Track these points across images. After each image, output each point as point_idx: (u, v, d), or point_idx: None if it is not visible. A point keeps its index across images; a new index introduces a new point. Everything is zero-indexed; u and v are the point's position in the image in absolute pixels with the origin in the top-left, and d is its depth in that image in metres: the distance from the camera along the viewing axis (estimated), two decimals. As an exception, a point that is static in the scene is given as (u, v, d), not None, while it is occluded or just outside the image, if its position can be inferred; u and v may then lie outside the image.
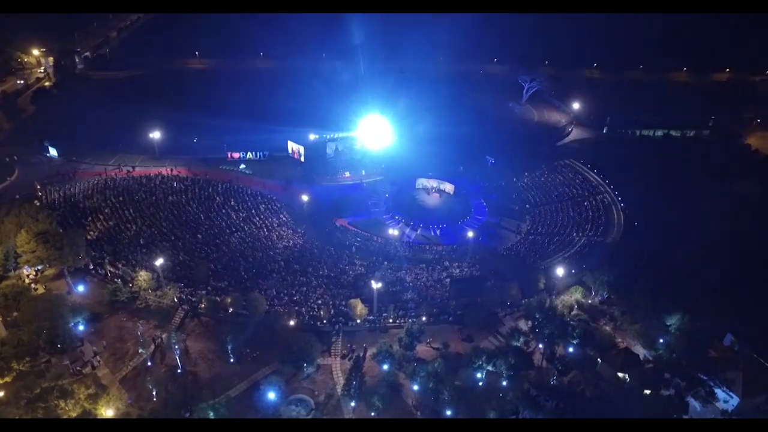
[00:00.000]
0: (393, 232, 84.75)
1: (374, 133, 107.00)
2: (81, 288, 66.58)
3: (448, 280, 71.70)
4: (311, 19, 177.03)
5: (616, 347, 58.80)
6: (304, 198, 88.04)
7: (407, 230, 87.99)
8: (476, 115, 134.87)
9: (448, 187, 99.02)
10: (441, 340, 60.84)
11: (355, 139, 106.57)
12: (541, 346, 59.83)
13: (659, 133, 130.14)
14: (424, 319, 63.06)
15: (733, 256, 72.44)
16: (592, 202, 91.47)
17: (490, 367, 55.04)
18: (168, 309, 63.39)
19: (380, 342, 57.85)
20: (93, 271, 69.04)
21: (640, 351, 59.12)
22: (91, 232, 77.13)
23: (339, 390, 54.72)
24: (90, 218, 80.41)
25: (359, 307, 61.48)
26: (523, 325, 61.71)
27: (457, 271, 74.84)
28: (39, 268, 67.76)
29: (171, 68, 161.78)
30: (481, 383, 55.63)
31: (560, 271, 66.82)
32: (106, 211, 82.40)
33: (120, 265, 69.74)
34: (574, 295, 65.96)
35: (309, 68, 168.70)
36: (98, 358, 57.17)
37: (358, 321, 62.55)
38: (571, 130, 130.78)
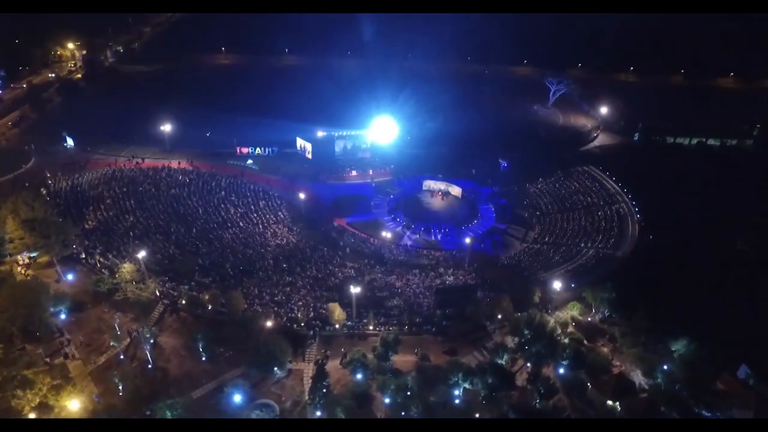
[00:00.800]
0: (386, 234, 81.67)
1: (384, 132, 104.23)
2: (70, 277, 67.10)
3: (441, 286, 68.26)
4: (336, 17, 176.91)
5: (610, 372, 53.81)
6: (302, 196, 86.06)
7: (407, 233, 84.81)
8: (496, 117, 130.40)
9: (456, 190, 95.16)
10: (421, 351, 57.55)
11: (365, 137, 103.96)
12: (529, 365, 55.66)
13: (694, 141, 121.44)
14: (406, 328, 59.90)
15: (761, 283, 65.81)
16: (607, 212, 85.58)
17: (467, 385, 51.39)
18: (149, 302, 62.79)
19: (354, 350, 55.14)
20: (83, 261, 69.48)
21: (639, 378, 53.90)
22: (90, 222, 77.99)
23: (306, 397, 52.39)
24: (91, 207, 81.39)
25: (337, 312, 58.98)
26: (511, 341, 57.57)
27: (451, 278, 71.19)
28: (33, 255, 68.81)
29: (197, 63, 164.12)
30: (458, 401, 52.12)
31: (557, 284, 62.09)
32: (108, 201, 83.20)
33: (110, 256, 69.90)
34: (571, 312, 61.19)
35: (332, 65, 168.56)
36: (71, 348, 57.05)
37: (337, 326, 60.01)
38: (597, 135, 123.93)
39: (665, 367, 54.07)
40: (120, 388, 52.52)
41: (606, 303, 60.27)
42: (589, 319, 62.55)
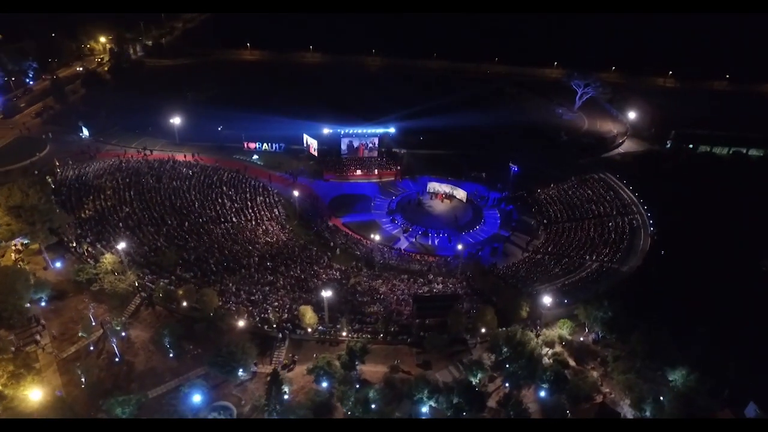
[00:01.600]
0: (375, 237, 78.45)
1: (393, 131, 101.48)
2: (58, 264, 67.67)
3: (438, 294, 64.87)
4: (363, 16, 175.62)
5: (593, 399, 49.05)
6: (296, 193, 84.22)
7: (404, 236, 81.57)
8: (517, 119, 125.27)
9: (461, 194, 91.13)
10: (393, 363, 54.36)
11: (373, 135, 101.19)
12: (508, 385, 51.60)
13: (732, 151, 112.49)
14: (381, 336, 56.87)
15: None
16: (618, 223, 79.57)
17: (432, 403, 47.93)
18: (126, 294, 62.26)
19: (320, 356, 52.58)
20: (73, 249, 69.94)
21: (625, 409, 48.92)
22: (87, 211, 78.70)
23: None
24: (91, 197, 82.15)
25: (308, 315, 56.56)
26: (488, 358, 53.58)
27: (440, 286, 67.57)
28: (26, 242, 69.85)
29: (221, 59, 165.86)
30: (424, 419, 48.73)
31: (547, 299, 57.48)
32: (108, 192, 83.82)
33: (98, 246, 70.06)
34: (560, 330, 56.51)
35: (355, 63, 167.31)
36: (45, 336, 57.04)
37: (309, 330, 57.62)
38: (622, 141, 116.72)
39: (661, 398, 48.93)
40: (83, 379, 51.92)
41: (599, 322, 55.25)
42: (581, 339, 57.68)
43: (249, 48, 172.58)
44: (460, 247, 71.66)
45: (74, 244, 70.40)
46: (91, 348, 56.44)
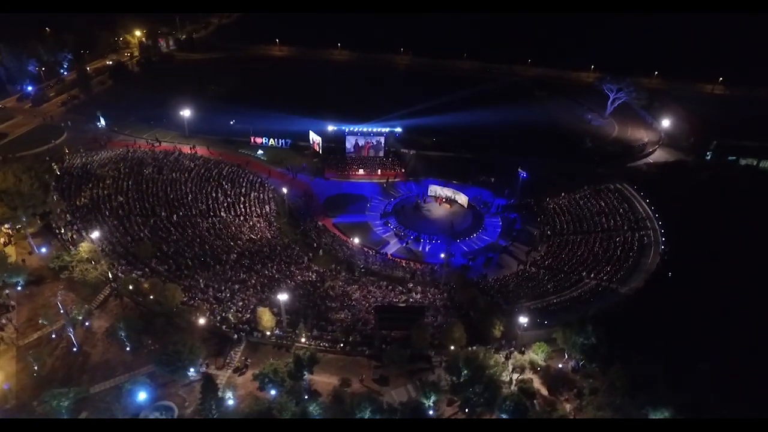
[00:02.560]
0: (356, 240, 74.96)
1: (399, 130, 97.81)
2: (44, 250, 68.58)
3: (402, 305, 61.04)
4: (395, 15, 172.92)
5: (554, 435, 43.68)
6: (284, 190, 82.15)
7: (394, 240, 77.83)
8: (539, 124, 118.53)
9: (462, 199, 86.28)
10: (345, 375, 50.98)
11: (379, 135, 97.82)
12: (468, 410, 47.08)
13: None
14: (341, 346, 53.64)
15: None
16: (627, 238, 72.47)
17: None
18: (98, 284, 62.04)
19: (268, 362, 49.88)
20: (59, 236, 70.76)
21: (593, 448, 43.27)
22: (83, 198, 79.76)
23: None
24: (90, 185, 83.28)
25: (266, 317, 54.06)
26: (445, 379, 49.11)
27: (419, 296, 63.47)
28: (18, 226, 71.30)
29: (250, 54, 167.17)
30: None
31: (523, 319, 52.26)
32: (108, 181, 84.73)
33: (84, 234, 70.50)
34: (534, 354, 51.23)
35: (382, 61, 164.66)
36: (11, 321, 57.44)
37: (268, 333, 55.13)
38: (653, 150, 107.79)
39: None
40: (35, 368, 51.65)
41: (578, 349, 49.61)
42: (560, 365, 52.11)
43: (278, 44, 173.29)
44: (442, 255, 67.04)
45: (61, 231, 71.16)
46: (53, 336, 56.27)
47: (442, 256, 67.23)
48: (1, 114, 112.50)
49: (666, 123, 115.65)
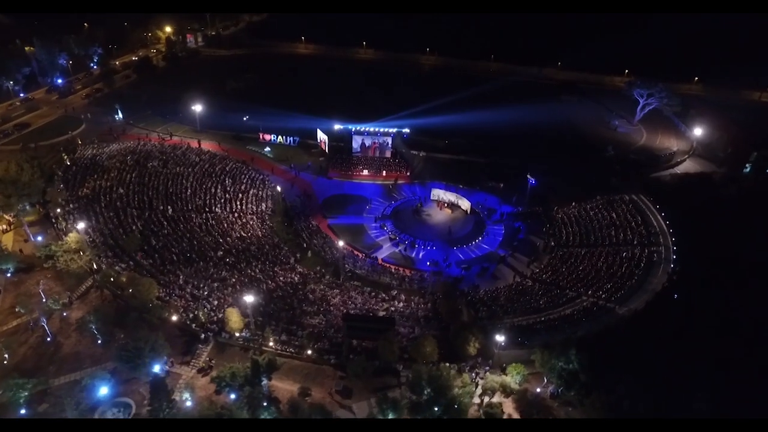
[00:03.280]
0: (340, 243, 72.02)
1: (407, 131, 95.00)
2: (39, 238, 69.78)
3: (381, 313, 58.35)
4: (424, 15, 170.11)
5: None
6: (278, 188, 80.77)
7: (388, 244, 75.08)
8: (561, 129, 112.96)
9: (465, 204, 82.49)
10: (308, 384, 48.75)
11: (386, 135, 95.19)
12: None
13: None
14: (309, 352, 51.47)
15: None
16: (635, 254, 66.93)
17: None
18: (82, 275, 62.34)
19: (227, 366, 48.27)
20: (54, 226, 71.86)
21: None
22: (85, 189, 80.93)
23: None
24: (95, 176, 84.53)
25: (234, 318, 52.55)
26: (406, 397, 45.99)
27: (401, 305, 60.52)
28: (12, 213, 72.93)
29: (275, 51, 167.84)
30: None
31: (500, 337, 48.50)
32: (113, 173, 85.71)
33: (79, 224, 71.13)
34: (508, 377, 47.38)
35: (408, 61, 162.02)
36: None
37: (237, 334, 53.61)
38: (682, 161, 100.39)
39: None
40: (6, 356, 51.97)
41: (555, 374, 45.49)
42: (538, 390, 48.04)
43: (304, 42, 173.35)
44: (429, 263, 63.78)
45: (56, 220, 72.22)
46: (31, 325, 56.65)
47: (428, 264, 63.87)
48: (29, 105, 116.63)
49: (699, 131, 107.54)
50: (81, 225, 64.83)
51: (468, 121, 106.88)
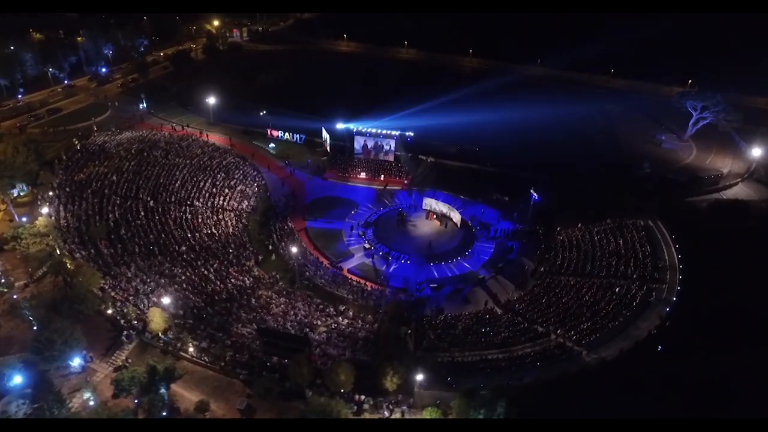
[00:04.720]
0: (293, 249, 67.06)
1: (411, 134, 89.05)
2: (24, 219, 71.76)
3: (322, 329, 53.57)
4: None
5: None
6: (259, 185, 77.97)
7: (360, 253, 69.90)
8: (596, 142, 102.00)
9: (456, 217, 75.37)
10: (212, 396, 45.01)
11: (390, 137, 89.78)
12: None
13: None
14: (222, 364, 47.80)
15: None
16: (631, 290, 56.88)
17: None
18: (43, 258, 62.73)
19: (130, 368, 45.62)
20: (38, 208, 73.55)
21: None
22: (82, 175, 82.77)
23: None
24: (96, 162, 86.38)
25: (156, 319, 49.99)
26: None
27: (345, 322, 55.28)
28: (17, 193, 75.85)
29: (315, 48, 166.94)
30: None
31: (420, 376, 41.97)
32: (115, 160, 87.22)
33: (61, 208, 72.53)
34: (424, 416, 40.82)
35: (449, 63, 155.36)
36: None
37: (161, 335, 51.06)
38: (731, 184, 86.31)
39: None
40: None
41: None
42: (460, 440, 40.99)
43: (346, 40, 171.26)
44: (378, 280, 57.95)
45: (40, 203, 73.93)
46: (-18, 305, 57.48)
47: (378, 281, 58.06)
48: (68, 92, 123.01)
49: (759, 151, 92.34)
50: (45, 209, 65.27)
51: (493, 127, 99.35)
